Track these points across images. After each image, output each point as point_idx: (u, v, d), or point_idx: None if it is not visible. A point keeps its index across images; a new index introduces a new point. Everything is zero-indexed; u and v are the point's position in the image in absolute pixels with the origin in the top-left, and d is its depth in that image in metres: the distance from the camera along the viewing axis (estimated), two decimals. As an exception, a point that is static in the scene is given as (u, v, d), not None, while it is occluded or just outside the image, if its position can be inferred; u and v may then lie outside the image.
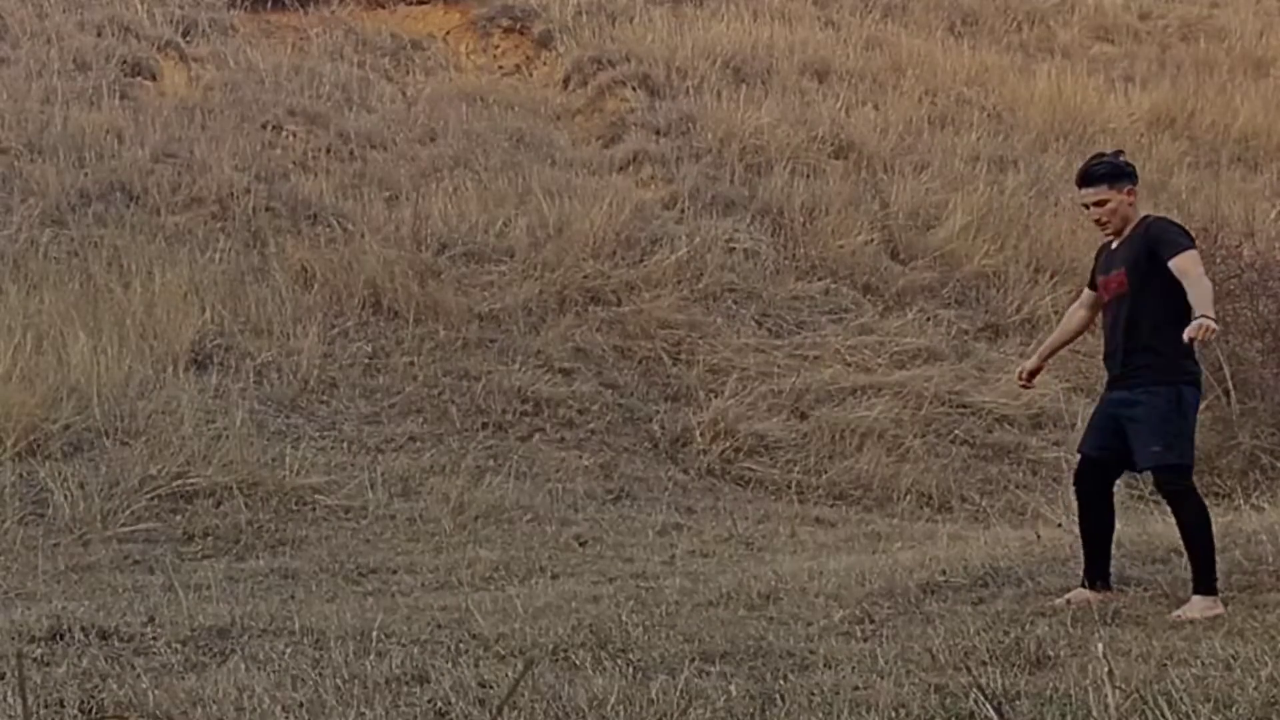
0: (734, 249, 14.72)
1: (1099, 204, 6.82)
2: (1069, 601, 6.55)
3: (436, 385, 12.25)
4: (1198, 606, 6.28)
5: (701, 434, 12.16)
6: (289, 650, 5.94)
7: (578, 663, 5.70)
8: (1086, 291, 7.13)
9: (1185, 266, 6.45)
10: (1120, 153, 7.10)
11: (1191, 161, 17.88)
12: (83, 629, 6.16)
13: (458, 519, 9.91)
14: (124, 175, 14.43)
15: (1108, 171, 6.84)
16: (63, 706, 5.11)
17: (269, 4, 19.31)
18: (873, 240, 15.20)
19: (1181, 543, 6.63)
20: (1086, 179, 6.87)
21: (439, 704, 5.16)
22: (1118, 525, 6.96)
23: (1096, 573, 6.73)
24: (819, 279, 14.70)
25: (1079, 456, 6.99)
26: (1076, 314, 7.21)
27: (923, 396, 12.89)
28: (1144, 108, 18.84)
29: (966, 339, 14.25)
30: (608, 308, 13.70)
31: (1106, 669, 4.66)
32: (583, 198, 14.86)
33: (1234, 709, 4.64)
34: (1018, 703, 4.88)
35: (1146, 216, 6.90)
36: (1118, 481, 6.97)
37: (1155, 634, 5.81)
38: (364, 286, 13.21)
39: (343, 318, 12.96)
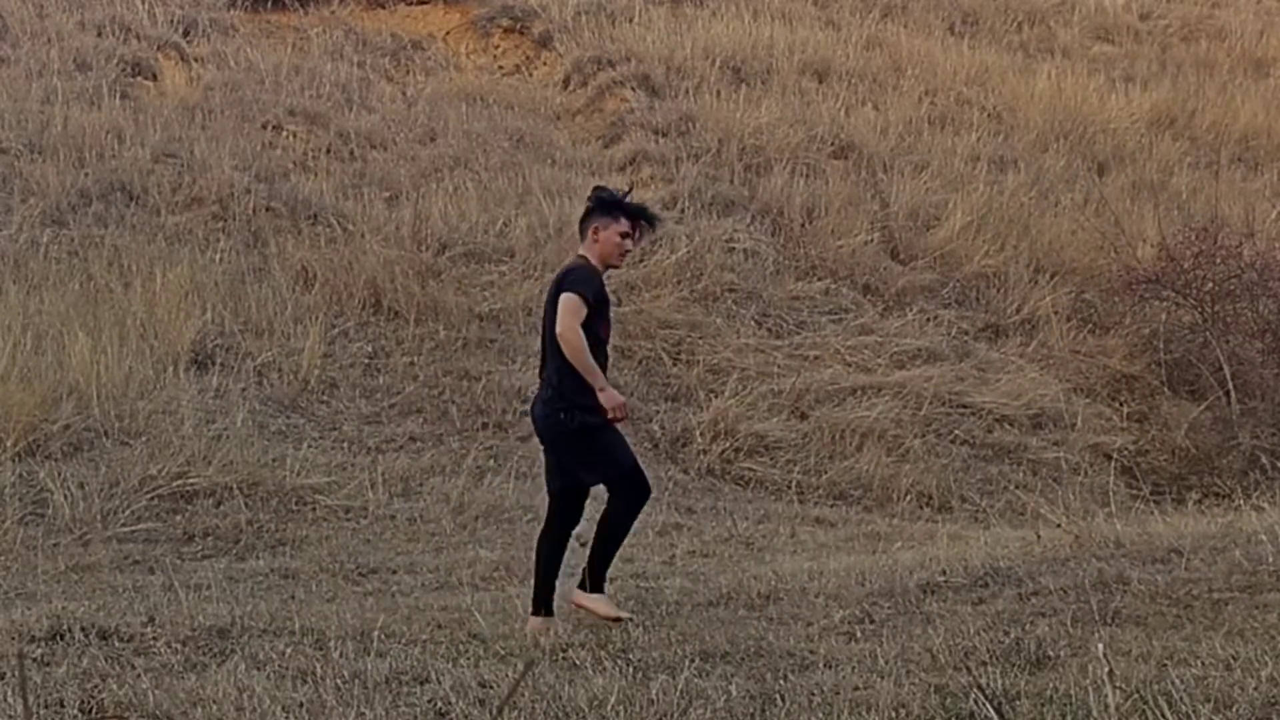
0: (734, 249, 14.71)
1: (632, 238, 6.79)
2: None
3: (436, 385, 12.25)
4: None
5: (701, 434, 12.16)
6: (289, 650, 5.94)
7: (578, 663, 5.70)
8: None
9: None
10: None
11: (1191, 161, 17.88)
12: (83, 629, 6.16)
13: (458, 519, 9.91)
14: (124, 175, 14.42)
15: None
16: (63, 706, 5.11)
17: (269, 4, 19.32)
18: (873, 240, 15.20)
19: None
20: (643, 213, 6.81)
21: (439, 704, 5.16)
22: (1118, 525, 6.95)
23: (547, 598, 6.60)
24: (819, 279, 14.69)
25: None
26: None
27: (923, 396, 12.89)
28: (1144, 108, 18.84)
29: (966, 339, 14.25)
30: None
31: (1106, 669, 4.65)
32: (582, 198, 14.77)
33: (1234, 709, 4.64)
34: (1018, 703, 4.88)
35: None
36: (1117, 480, 6.97)
37: (1155, 634, 5.80)
38: (364, 286, 13.21)
39: (343, 318, 12.96)
